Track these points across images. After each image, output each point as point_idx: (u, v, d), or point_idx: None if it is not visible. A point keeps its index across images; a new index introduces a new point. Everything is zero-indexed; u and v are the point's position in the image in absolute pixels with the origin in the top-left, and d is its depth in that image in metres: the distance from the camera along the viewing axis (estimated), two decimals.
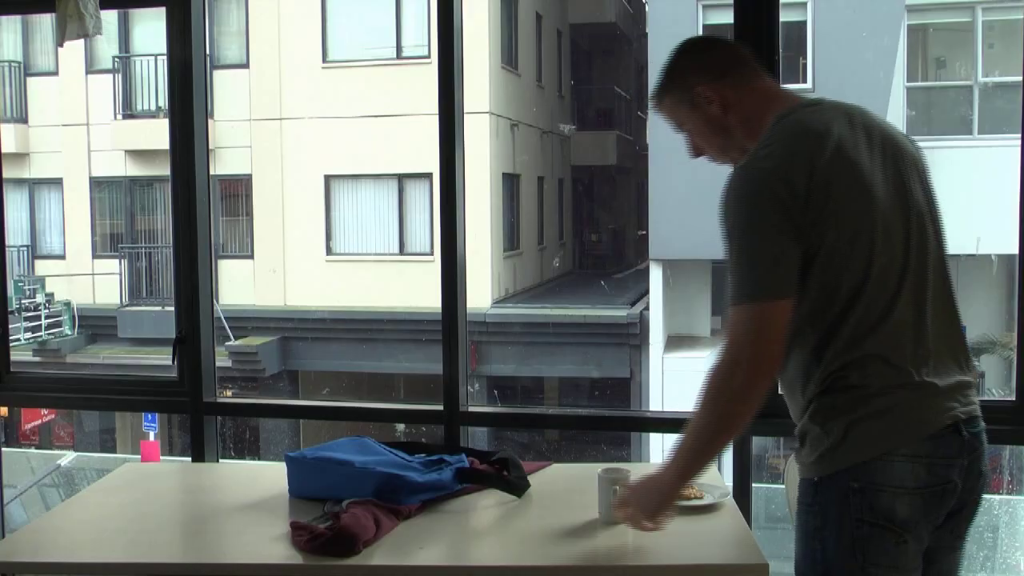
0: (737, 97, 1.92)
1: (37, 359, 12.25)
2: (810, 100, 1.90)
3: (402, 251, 12.67)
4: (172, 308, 3.33)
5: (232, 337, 12.04)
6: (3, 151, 3.75)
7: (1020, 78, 8.40)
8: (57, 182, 13.46)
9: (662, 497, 1.94)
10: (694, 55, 1.99)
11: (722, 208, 1.78)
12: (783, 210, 1.71)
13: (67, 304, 12.77)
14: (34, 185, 13.50)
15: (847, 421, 1.73)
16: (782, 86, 2.01)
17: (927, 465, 1.70)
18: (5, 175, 3.68)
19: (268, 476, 2.56)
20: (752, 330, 1.72)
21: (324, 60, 12.64)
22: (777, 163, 1.74)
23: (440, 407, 3.04)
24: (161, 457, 10.69)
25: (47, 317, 12.42)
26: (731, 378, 1.74)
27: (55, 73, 13.36)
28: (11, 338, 3.55)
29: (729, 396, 1.76)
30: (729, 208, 1.77)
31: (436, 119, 2.98)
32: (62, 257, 13.45)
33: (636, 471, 2.25)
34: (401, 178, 12.58)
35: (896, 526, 1.70)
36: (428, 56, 11.40)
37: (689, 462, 1.87)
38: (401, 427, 7.24)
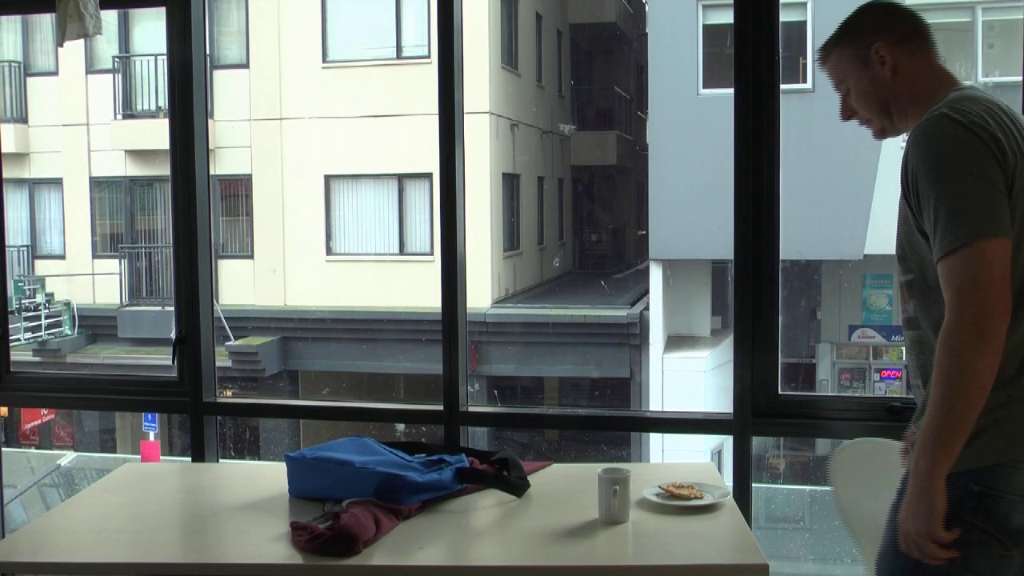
0: (910, 65, 1.92)
1: (37, 359, 12.24)
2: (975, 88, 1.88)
3: (402, 251, 12.66)
4: (172, 308, 3.33)
5: (232, 337, 12.04)
6: (3, 151, 3.76)
7: (1020, 78, 8.40)
8: (57, 182, 13.46)
9: (931, 498, 1.65)
10: (879, 14, 1.97)
11: (923, 152, 1.73)
12: (995, 160, 1.67)
13: (67, 304, 12.77)
14: (34, 185, 13.50)
15: (987, 420, 1.66)
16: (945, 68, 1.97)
17: None
18: (5, 175, 3.68)
19: (268, 476, 2.57)
20: (975, 272, 1.61)
21: (324, 60, 12.63)
22: (988, 121, 1.71)
23: (440, 407, 3.04)
24: (161, 457, 10.69)
25: (47, 317, 12.42)
26: (966, 332, 1.61)
27: (55, 73, 13.36)
28: (11, 338, 3.55)
29: (970, 353, 1.61)
30: (934, 150, 1.71)
31: (436, 119, 2.99)
32: (62, 257, 13.45)
33: (636, 471, 2.26)
34: (401, 178, 12.58)
35: (1006, 537, 1.66)
36: (428, 56, 11.40)
37: (945, 440, 1.63)
38: (401, 427, 7.24)
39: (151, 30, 12.75)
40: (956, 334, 1.62)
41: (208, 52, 4.42)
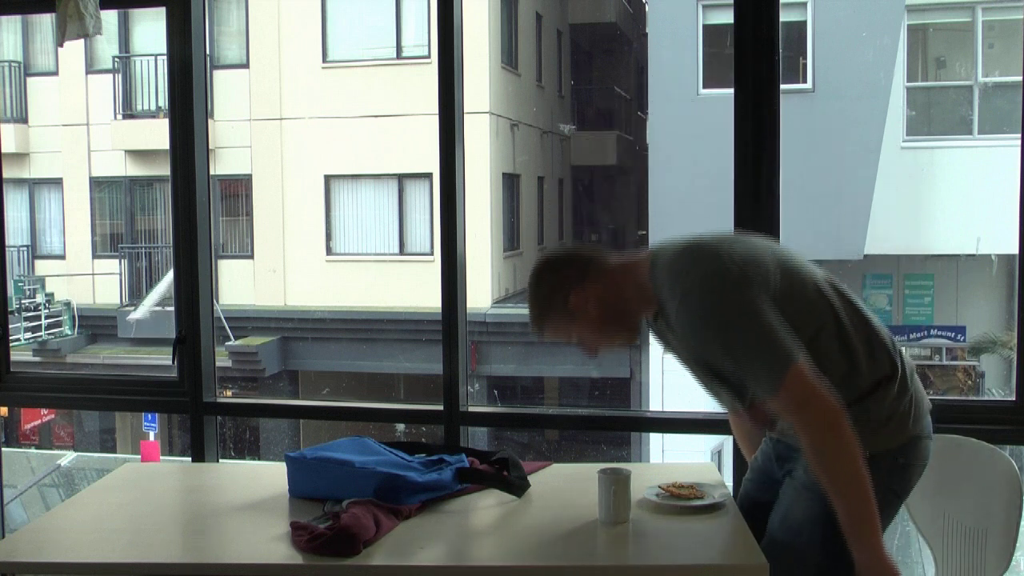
0: (604, 288, 2.05)
1: (37, 359, 12.24)
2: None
3: (402, 251, 12.66)
4: (172, 308, 3.33)
5: (232, 337, 12.04)
6: (3, 151, 3.76)
7: (1020, 78, 8.40)
8: (57, 182, 13.45)
9: (886, 569, 1.88)
10: (552, 272, 2.09)
11: (710, 317, 1.89)
12: (759, 290, 1.89)
13: (67, 304, 12.76)
14: (34, 185, 13.49)
15: (890, 411, 1.98)
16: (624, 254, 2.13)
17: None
18: (5, 175, 3.68)
19: (268, 476, 2.57)
20: (800, 392, 1.84)
21: (324, 60, 12.63)
22: (736, 266, 1.91)
23: (440, 407, 3.04)
24: (161, 457, 10.69)
25: (47, 317, 12.41)
26: (830, 433, 1.83)
27: (55, 73, 13.35)
28: (11, 338, 3.55)
29: (841, 448, 1.84)
30: (722, 309, 1.89)
31: (436, 119, 2.99)
32: (62, 257, 13.45)
33: (636, 471, 2.26)
34: (401, 178, 12.57)
35: (906, 495, 2.03)
36: (428, 56, 11.40)
37: (869, 523, 1.86)
38: (401, 427, 7.24)
39: (151, 30, 12.75)
40: (829, 438, 1.84)
41: (208, 52, 4.42)
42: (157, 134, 11.09)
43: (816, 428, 1.84)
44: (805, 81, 10.09)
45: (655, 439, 9.94)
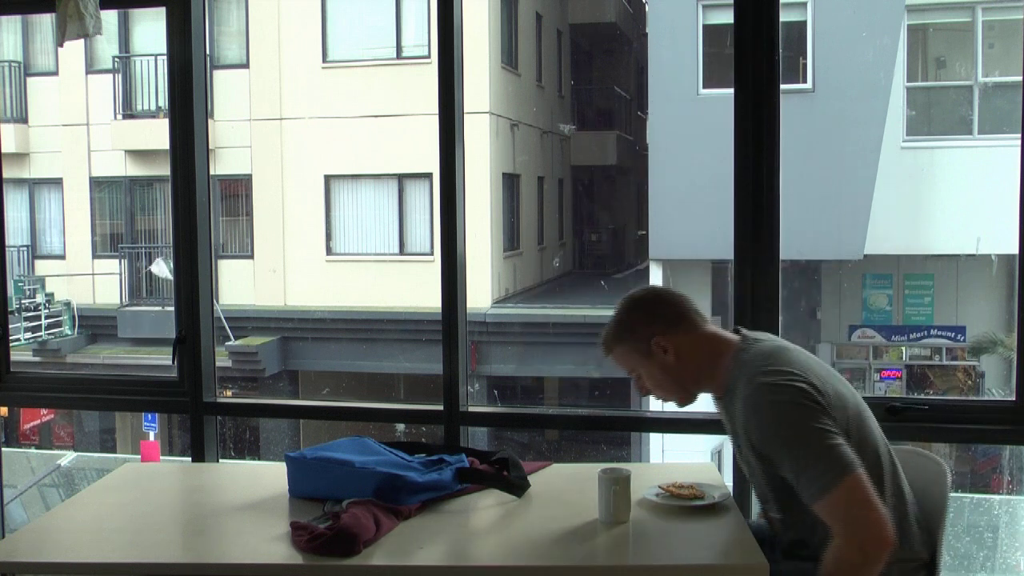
0: (689, 345, 2.10)
1: (37, 359, 12.24)
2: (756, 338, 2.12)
3: (402, 251, 12.66)
4: (172, 308, 3.33)
5: (232, 337, 12.04)
6: (3, 151, 3.76)
7: (1020, 78, 8.40)
8: (57, 182, 13.45)
9: None
10: (649, 308, 2.15)
11: (766, 422, 1.95)
12: (822, 410, 1.92)
13: (67, 304, 12.76)
14: (34, 185, 13.49)
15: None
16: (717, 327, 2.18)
17: None
18: (5, 175, 3.68)
19: (268, 476, 2.57)
20: (863, 500, 1.85)
21: (324, 60, 12.63)
22: (801, 377, 1.95)
23: (440, 407, 3.04)
24: (161, 457, 10.68)
25: (47, 317, 12.41)
26: (858, 550, 1.84)
27: (55, 73, 13.35)
28: (11, 338, 3.55)
29: (866, 569, 1.84)
30: (775, 419, 1.93)
31: (436, 119, 2.99)
32: (62, 257, 13.44)
33: (636, 471, 2.26)
34: (401, 178, 12.57)
35: None
36: (428, 56, 11.40)
37: None
38: (401, 427, 7.24)
39: (151, 30, 12.74)
40: (858, 550, 1.83)
41: (208, 52, 4.42)
42: (157, 134, 11.08)
43: (855, 540, 1.83)
44: (805, 81, 10.08)
45: (655, 439, 9.94)
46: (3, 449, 3.97)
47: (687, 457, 8.52)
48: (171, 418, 11.61)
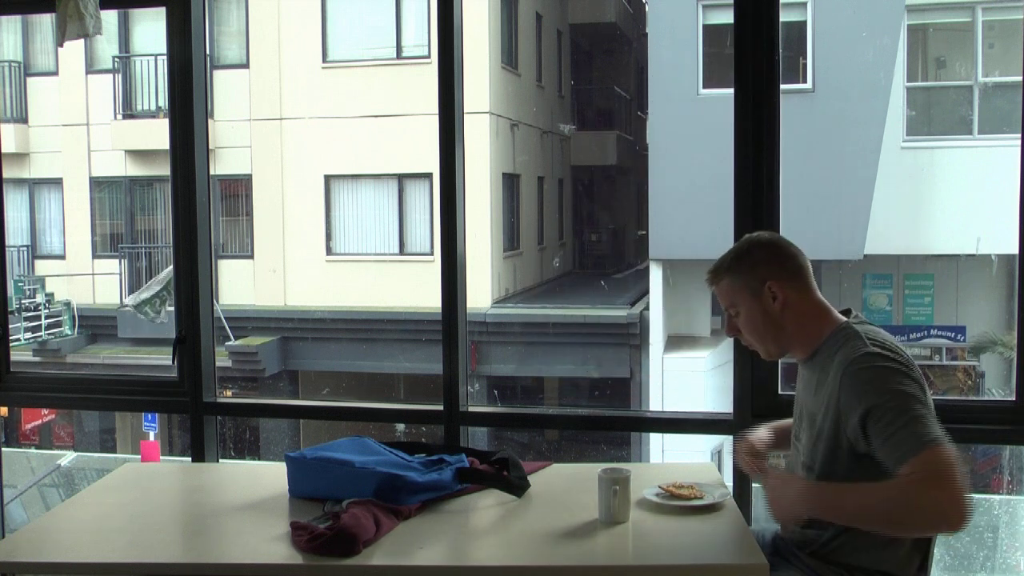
0: (798, 302, 2.10)
1: (37, 359, 12.24)
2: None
3: (402, 251, 12.66)
4: (172, 308, 3.33)
5: (232, 337, 12.04)
6: (3, 151, 3.76)
7: (1020, 78, 8.40)
8: (57, 182, 13.46)
9: (794, 509, 1.99)
10: (772, 251, 2.15)
11: (870, 389, 1.92)
12: (922, 388, 1.94)
13: (67, 304, 12.76)
14: (34, 185, 13.50)
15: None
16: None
17: None
18: (5, 175, 3.68)
19: (268, 476, 2.56)
20: (954, 471, 1.82)
21: (324, 60, 12.63)
22: (905, 354, 1.98)
23: (440, 407, 3.04)
24: (161, 457, 10.68)
25: (47, 317, 12.41)
26: (934, 500, 1.80)
27: (55, 73, 13.36)
28: (11, 338, 3.55)
29: (923, 515, 1.83)
30: (882, 386, 1.91)
31: (436, 119, 2.99)
32: (62, 257, 13.45)
33: (636, 471, 2.26)
34: (401, 178, 12.58)
35: None
36: (428, 56, 11.40)
37: (841, 515, 1.95)
38: (401, 427, 7.24)
39: (151, 30, 12.75)
40: (933, 499, 1.80)
41: (208, 52, 4.42)
42: (157, 134, 11.09)
43: (931, 490, 1.80)
44: (805, 81, 10.09)
45: (655, 439, 9.94)
46: (3, 449, 3.97)
47: (687, 457, 8.52)
48: (171, 418, 11.61)
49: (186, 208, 3.17)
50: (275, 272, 12.77)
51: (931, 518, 1.82)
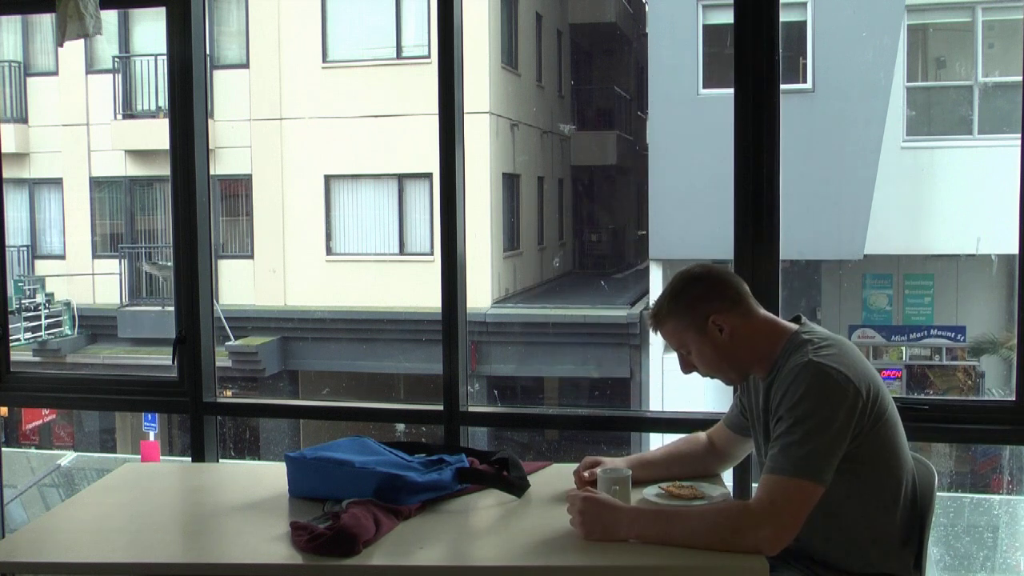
0: (744, 327, 2.09)
1: (37, 359, 12.24)
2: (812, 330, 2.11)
3: (402, 251, 12.66)
4: (172, 308, 3.33)
5: (232, 337, 12.04)
6: (3, 151, 3.76)
7: (1020, 78, 8.40)
8: (57, 182, 13.46)
9: (608, 533, 2.02)
10: (709, 284, 2.12)
11: (799, 393, 1.94)
12: (851, 413, 1.93)
13: (67, 304, 12.76)
14: (34, 185, 13.50)
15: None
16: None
17: None
18: (5, 175, 3.68)
19: (268, 476, 2.56)
20: (797, 509, 1.88)
21: (324, 60, 12.63)
22: (850, 373, 1.95)
23: (440, 407, 3.04)
24: (161, 457, 10.69)
25: (47, 317, 12.41)
26: (756, 529, 1.89)
27: (55, 73, 13.36)
28: (11, 338, 3.55)
29: (742, 540, 1.90)
30: (810, 394, 1.92)
31: (436, 119, 2.99)
32: (62, 257, 13.45)
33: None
34: (401, 178, 12.58)
35: None
36: (428, 56, 11.40)
37: (656, 537, 1.99)
38: (401, 427, 7.24)
39: (151, 30, 12.75)
40: (752, 527, 1.88)
41: (208, 52, 4.42)
42: (157, 134, 11.08)
43: (759, 519, 1.88)
44: (805, 81, 10.09)
45: (655, 439, 9.92)
46: (3, 449, 3.97)
47: None
48: (171, 418, 11.61)
49: (186, 208, 3.17)
50: (275, 272, 12.77)
51: (747, 546, 1.89)
